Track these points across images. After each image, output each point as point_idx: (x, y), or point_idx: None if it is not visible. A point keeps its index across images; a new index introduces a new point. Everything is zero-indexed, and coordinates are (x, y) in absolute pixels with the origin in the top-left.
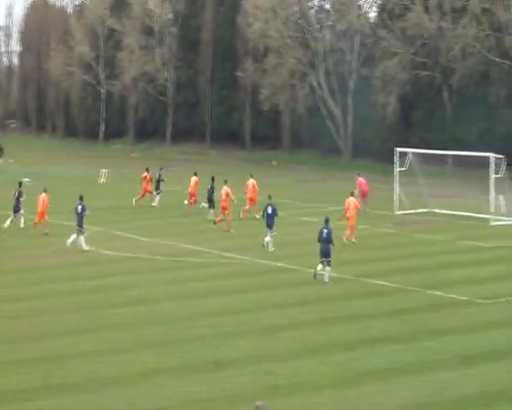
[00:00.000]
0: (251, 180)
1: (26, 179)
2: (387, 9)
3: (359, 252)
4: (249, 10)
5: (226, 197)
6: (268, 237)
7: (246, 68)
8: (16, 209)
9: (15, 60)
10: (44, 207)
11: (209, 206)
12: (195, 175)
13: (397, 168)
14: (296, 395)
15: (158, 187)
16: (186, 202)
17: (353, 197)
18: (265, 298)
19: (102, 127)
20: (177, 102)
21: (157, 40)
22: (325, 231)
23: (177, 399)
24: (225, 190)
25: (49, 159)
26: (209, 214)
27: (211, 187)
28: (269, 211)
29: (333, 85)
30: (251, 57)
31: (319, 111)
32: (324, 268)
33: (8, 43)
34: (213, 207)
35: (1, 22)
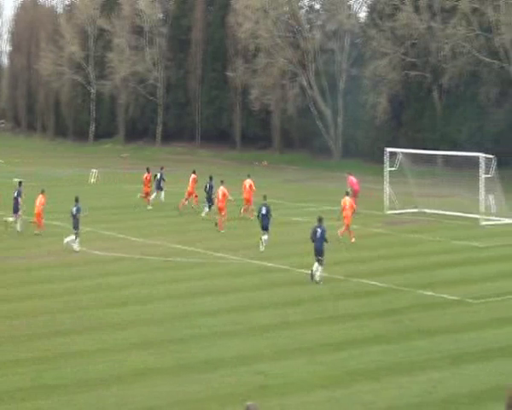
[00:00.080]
0: (248, 180)
1: (16, 180)
2: (377, 9)
3: (350, 252)
4: (239, 10)
5: (223, 198)
6: (265, 236)
7: (236, 68)
8: (15, 209)
9: (5, 60)
10: (41, 207)
11: (208, 205)
12: (194, 173)
13: (387, 168)
14: (287, 395)
15: (159, 186)
16: (189, 203)
17: (349, 197)
18: (256, 298)
19: (92, 127)
20: (168, 102)
21: (147, 40)
22: (319, 231)
23: (169, 399)
24: (222, 191)
25: (40, 159)
26: (203, 212)
27: (209, 186)
28: (263, 211)
29: (323, 85)
30: (241, 57)
31: (309, 111)
32: (316, 267)
33: None
34: (212, 204)
35: None
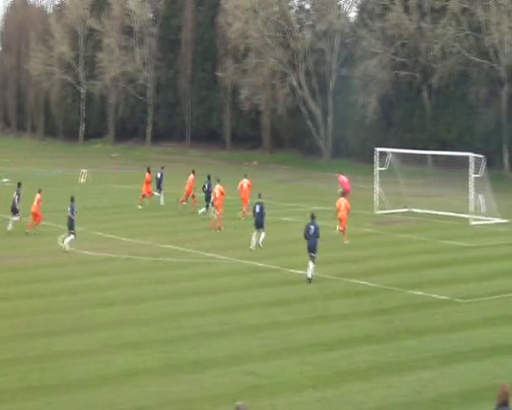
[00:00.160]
0: (244, 180)
1: (5, 179)
2: (367, 9)
3: (340, 252)
4: (229, 10)
5: (221, 195)
6: (263, 235)
7: (226, 68)
8: (14, 210)
9: None
10: (37, 206)
11: (206, 205)
12: (193, 174)
13: (377, 168)
14: (277, 395)
15: (159, 186)
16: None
17: (344, 198)
18: (246, 298)
19: (82, 127)
20: (158, 102)
21: (137, 40)
22: (312, 228)
23: (158, 399)
24: (219, 189)
25: (29, 159)
26: (200, 210)
27: (207, 185)
28: (257, 210)
29: (313, 85)
30: (231, 57)
31: (299, 111)
32: (309, 264)
33: None
34: (210, 203)
35: None
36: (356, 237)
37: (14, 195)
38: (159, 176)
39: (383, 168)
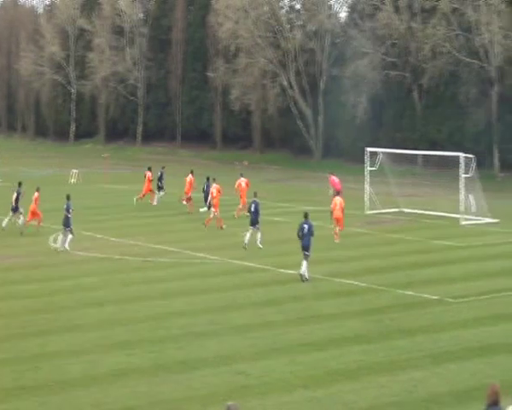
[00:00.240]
0: (242, 179)
1: None
2: (358, 9)
3: (331, 252)
4: (220, 10)
5: (218, 194)
6: (248, 233)
7: (216, 68)
8: (14, 209)
9: None
10: (35, 205)
11: (208, 207)
12: (192, 174)
13: (367, 168)
14: (267, 395)
15: (161, 186)
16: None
17: (339, 197)
18: (237, 298)
19: (73, 127)
20: (148, 102)
21: (128, 40)
22: (306, 227)
23: (147, 399)
24: (216, 188)
25: (20, 159)
26: (201, 208)
27: (206, 186)
28: (252, 208)
29: (303, 85)
30: (222, 57)
31: (290, 111)
32: (302, 262)
33: None
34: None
35: None
36: (346, 237)
37: (14, 194)
38: (159, 175)
39: (374, 168)
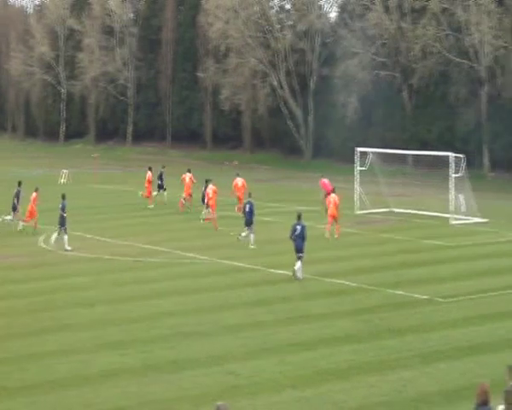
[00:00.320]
0: (238, 179)
1: None
2: (348, 9)
3: (321, 251)
4: (210, 10)
5: (214, 195)
6: (244, 233)
7: (207, 68)
8: (15, 208)
9: None
10: (33, 205)
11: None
12: (189, 172)
13: (357, 168)
14: (257, 395)
15: (162, 186)
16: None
17: (334, 194)
18: (226, 298)
19: (63, 127)
20: (138, 102)
21: (117, 40)
22: (298, 228)
23: (138, 399)
24: (212, 189)
25: (9, 159)
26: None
27: (204, 187)
28: (246, 209)
29: (293, 85)
30: (212, 57)
31: (280, 111)
32: (296, 263)
33: None
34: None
35: None
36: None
37: (14, 194)
38: (159, 175)
39: (363, 168)
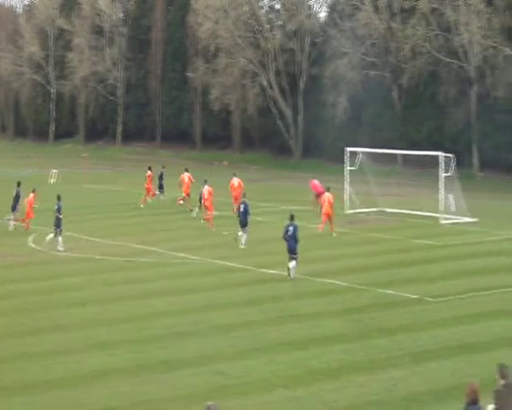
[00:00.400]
0: (235, 179)
1: None
2: (337, 9)
3: (311, 251)
4: (199, 10)
5: (209, 196)
6: (240, 232)
7: (196, 68)
8: (14, 208)
9: None
10: (30, 206)
11: (198, 206)
12: (187, 171)
13: (347, 167)
14: (247, 395)
15: (161, 186)
16: (182, 202)
17: (328, 192)
18: (217, 298)
19: (53, 127)
20: (128, 102)
21: (107, 40)
22: (291, 229)
23: (129, 399)
24: (208, 190)
25: None
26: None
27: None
28: (241, 209)
29: (283, 85)
30: (201, 57)
31: (270, 111)
32: (289, 263)
33: None
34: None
35: None
36: (327, 237)
37: (13, 194)
38: (159, 175)
39: (353, 168)
